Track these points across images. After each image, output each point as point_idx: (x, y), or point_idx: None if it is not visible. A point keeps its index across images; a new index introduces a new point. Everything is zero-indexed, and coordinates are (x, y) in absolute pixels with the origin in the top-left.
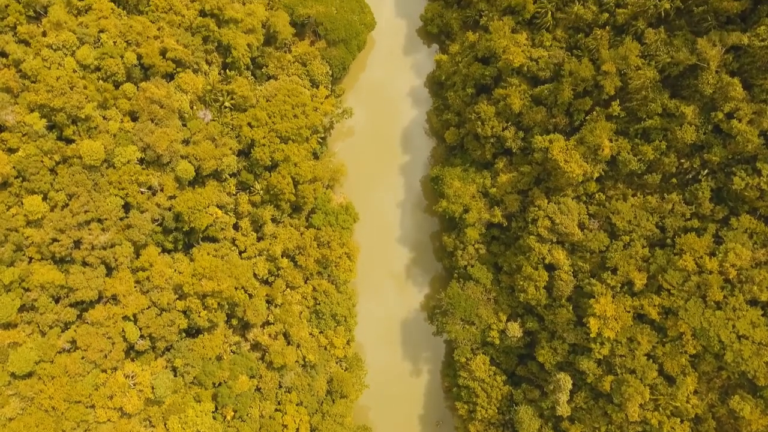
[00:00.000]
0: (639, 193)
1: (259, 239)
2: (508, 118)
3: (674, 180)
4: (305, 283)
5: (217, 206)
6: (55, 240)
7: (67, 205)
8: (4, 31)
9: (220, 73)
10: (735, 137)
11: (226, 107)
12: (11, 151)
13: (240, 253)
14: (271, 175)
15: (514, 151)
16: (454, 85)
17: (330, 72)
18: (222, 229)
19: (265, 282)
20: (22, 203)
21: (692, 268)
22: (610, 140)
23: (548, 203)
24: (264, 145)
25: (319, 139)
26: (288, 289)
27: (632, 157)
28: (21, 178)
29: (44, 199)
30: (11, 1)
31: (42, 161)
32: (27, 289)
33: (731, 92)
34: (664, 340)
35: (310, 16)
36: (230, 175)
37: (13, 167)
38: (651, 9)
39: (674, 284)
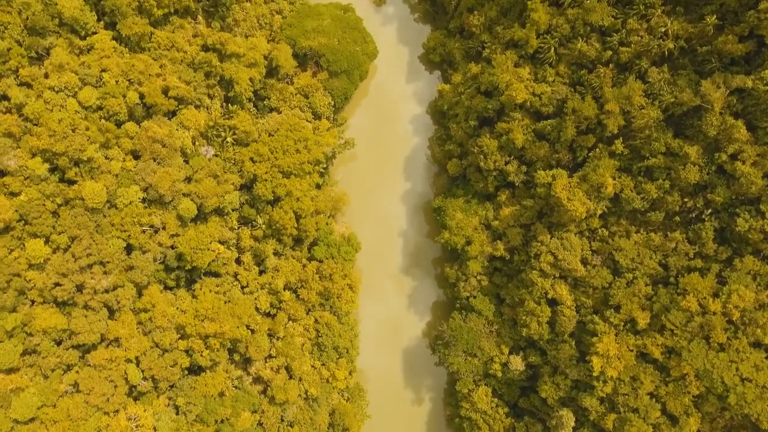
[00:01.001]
0: (642, 230)
1: (261, 272)
2: (511, 152)
3: (677, 218)
4: (307, 314)
5: (219, 242)
6: (57, 284)
7: (70, 247)
8: (6, 75)
9: (222, 106)
10: (739, 179)
11: (228, 142)
12: (13, 194)
13: (242, 288)
14: (273, 210)
15: (516, 184)
16: (456, 116)
17: (332, 102)
18: (224, 264)
19: (267, 314)
20: (24, 246)
21: (695, 308)
22: (613, 178)
23: (551, 239)
24: (266, 180)
25: (321, 170)
26: (290, 322)
27: (635, 195)
28: (23, 222)
29: (46, 242)
30: (13, 45)
31: (44, 204)
32: (29, 334)
33: (735, 134)
34: (667, 379)
35: (312, 48)
36: (232, 210)
37: (16, 211)
38: (654, 48)
39: (677, 324)
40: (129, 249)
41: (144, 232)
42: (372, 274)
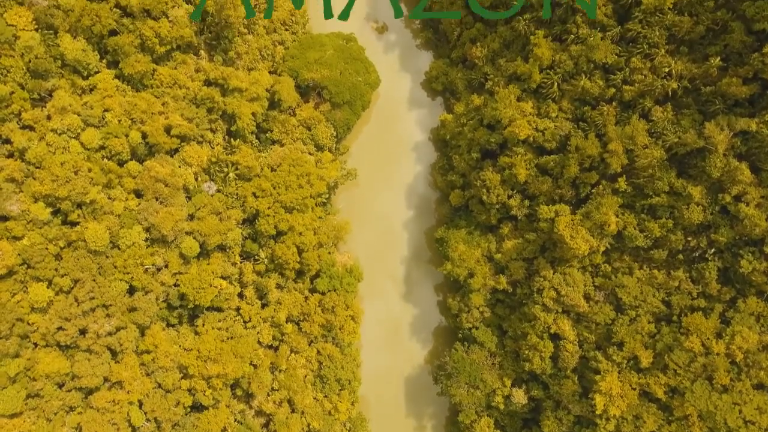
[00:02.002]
0: (645, 266)
1: (263, 306)
2: (514, 186)
3: (681, 256)
4: (309, 345)
5: (222, 277)
6: (60, 328)
7: (73, 288)
8: (8, 119)
9: (224, 139)
10: (742, 220)
11: (230, 177)
12: (15, 238)
13: (245, 322)
14: (275, 244)
15: (519, 217)
16: (458, 147)
17: (334, 133)
18: (226, 299)
19: (269, 347)
20: (26, 289)
21: (699, 349)
22: (617, 215)
23: (554, 274)
24: (269, 215)
25: (323, 201)
26: (292, 354)
27: (638, 234)
28: (26, 266)
29: (49, 284)
30: (16, 88)
31: (47, 248)
32: (32, 379)
33: (739, 176)
34: (670, 419)
35: (314, 80)
36: (235, 245)
37: (18, 254)
38: (658, 88)
39: (680, 364)
40: (132, 289)
41: (146, 271)
42: (373, 301)
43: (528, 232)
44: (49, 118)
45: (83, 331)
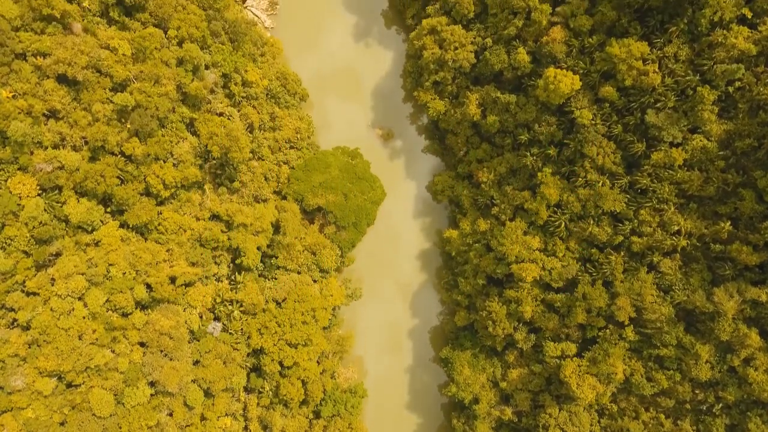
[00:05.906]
0: (652, 409)
1: None
2: (520, 319)
3: (688, 406)
4: None
5: (226, 414)
6: None
7: None
8: (12, 289)
9: (229, 266)
10: (750, 384)
11: (235, 315)
12: (20, 408)
13: None
14: (281, 378)
15: (525, 349)
16: (464, 269)
17: (340, 253)
18: None
19: None
20: None
21: None
22: (624, 360)
23: (559, 411)
24: (273, 352)
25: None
26: None
27: (645, 382)
28: None
29: None
30: (20, 257)
31: (51, 417)
32: None
33: (747, 341)
34: None
35: (320, 205)
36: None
37: (23, 424)
38: (667, 246)
39: None
40: None
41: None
42: (380, 403)
43: (534, 362)
44: (53, 282)
45: None
